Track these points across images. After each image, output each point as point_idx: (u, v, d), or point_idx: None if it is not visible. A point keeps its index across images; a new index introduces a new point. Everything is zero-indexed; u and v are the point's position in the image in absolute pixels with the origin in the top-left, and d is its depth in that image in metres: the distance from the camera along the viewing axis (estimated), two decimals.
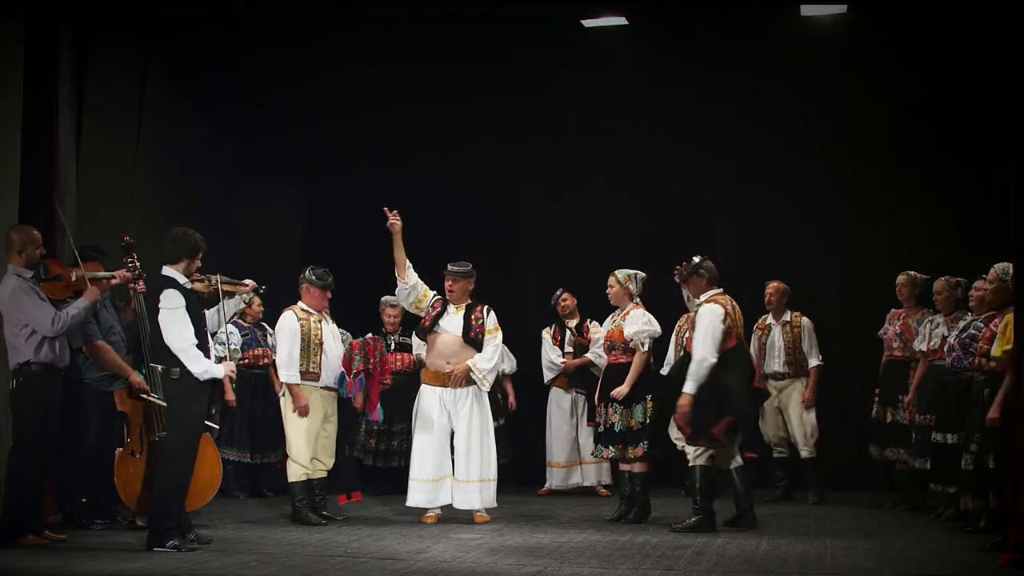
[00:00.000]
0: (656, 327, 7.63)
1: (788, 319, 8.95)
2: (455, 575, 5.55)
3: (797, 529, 7.21)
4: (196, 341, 6.29)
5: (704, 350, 6.91)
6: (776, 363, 8.91)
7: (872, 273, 9.25)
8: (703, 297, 7.17)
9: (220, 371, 6.45)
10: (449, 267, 7.68)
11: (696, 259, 7.25)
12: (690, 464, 7.27)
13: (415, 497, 7.53)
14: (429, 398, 7.59)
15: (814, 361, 8.86)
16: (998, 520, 6.44)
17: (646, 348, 7.55)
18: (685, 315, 9.25)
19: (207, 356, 6.40)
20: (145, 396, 6.82)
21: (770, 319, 9.02)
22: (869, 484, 9.05)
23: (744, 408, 7.06)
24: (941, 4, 8.21)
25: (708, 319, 6.98)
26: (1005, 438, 6.19)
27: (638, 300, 7.72)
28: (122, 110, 8.66)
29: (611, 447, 7.61)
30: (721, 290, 7.23)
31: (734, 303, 7.20)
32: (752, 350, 8.73)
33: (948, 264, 7.97)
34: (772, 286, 9.02)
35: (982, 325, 6.85)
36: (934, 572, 5.67)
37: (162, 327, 6.28)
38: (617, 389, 7.52)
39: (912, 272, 8.35)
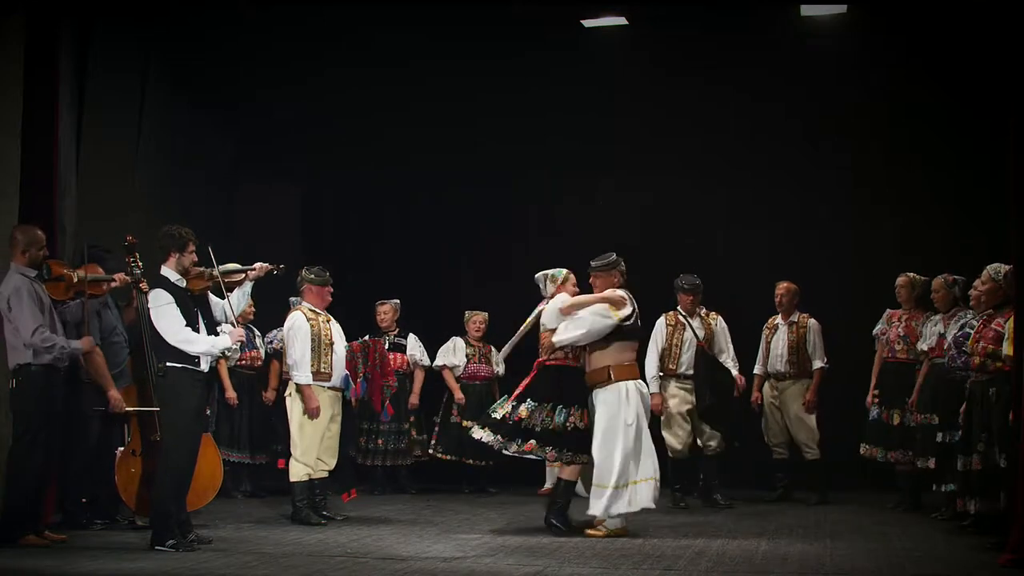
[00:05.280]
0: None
1: (795, 319, 8.91)
2: (455, 575, 5.55)
3: (797, 529, 7.21)
4: (188, 327, 6.26)
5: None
6: (779, 363, 8.89)
7: (872, 273, 9.24)
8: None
9: (226, 340, 6.44)
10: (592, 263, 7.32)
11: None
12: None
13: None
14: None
15: (818, 363, 8.82)
16: (998, 520, 6.44)
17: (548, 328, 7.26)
18: (665, 313, 9.25)
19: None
20: (125, 411, 6.83)
21: (778, 319, 9.01)
22: (869, 484, 9.04)
23: None
24: (942, 4, 8.21)
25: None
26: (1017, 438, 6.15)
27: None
28: (122, 110, 8.67)
29: (520, 440, 6.92)
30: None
31: None
32: (760, 349, 8.74)
33: (948, 264, 7.96)
34: (782, 286, 8.94)
35: (976, 323, 6.85)
36: (934, 572, 5.68)
37: (157, 327, 6.28)
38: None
39: (911, 274, 8.32)
